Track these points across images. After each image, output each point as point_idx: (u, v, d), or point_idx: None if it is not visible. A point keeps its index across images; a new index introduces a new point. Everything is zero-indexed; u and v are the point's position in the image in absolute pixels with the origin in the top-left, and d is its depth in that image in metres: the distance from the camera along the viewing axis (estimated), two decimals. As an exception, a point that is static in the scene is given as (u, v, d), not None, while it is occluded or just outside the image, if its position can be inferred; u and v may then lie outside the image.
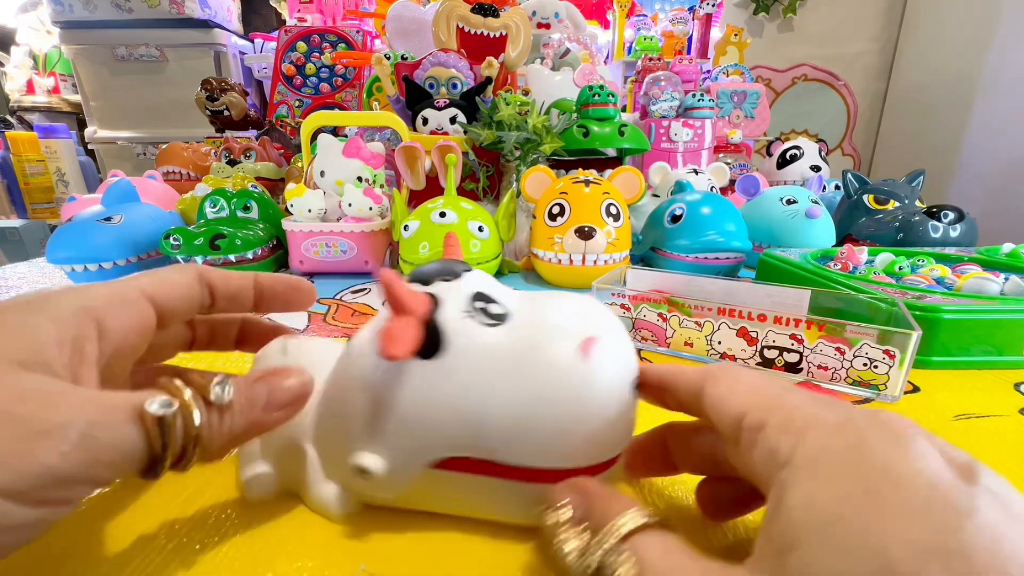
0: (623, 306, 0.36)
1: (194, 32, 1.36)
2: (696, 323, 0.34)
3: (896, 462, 0.10)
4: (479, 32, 0.70)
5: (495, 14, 0.70)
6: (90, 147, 1.45)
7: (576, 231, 0.46)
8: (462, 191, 0.57)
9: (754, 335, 0.32)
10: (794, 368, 0.31)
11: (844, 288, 0.37)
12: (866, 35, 1.49)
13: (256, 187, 0.58)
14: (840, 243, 0.57)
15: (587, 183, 0.49)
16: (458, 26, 0.69)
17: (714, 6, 1.19)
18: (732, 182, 0.72)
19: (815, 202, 0.56)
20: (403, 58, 0.72)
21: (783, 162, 0.79)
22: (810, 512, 0.10)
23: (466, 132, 0.59)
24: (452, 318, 0.17)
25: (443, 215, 0.47)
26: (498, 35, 0.71)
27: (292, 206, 0.51)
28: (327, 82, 1.02)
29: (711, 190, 0.63)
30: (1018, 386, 0.31)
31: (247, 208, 0.55)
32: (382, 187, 0.57)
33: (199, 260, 0.49)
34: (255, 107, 0.93)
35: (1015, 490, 0.10)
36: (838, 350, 0.29)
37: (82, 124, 1.51)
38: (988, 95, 1.19)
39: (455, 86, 0.63)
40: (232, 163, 0.73)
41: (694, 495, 0.19)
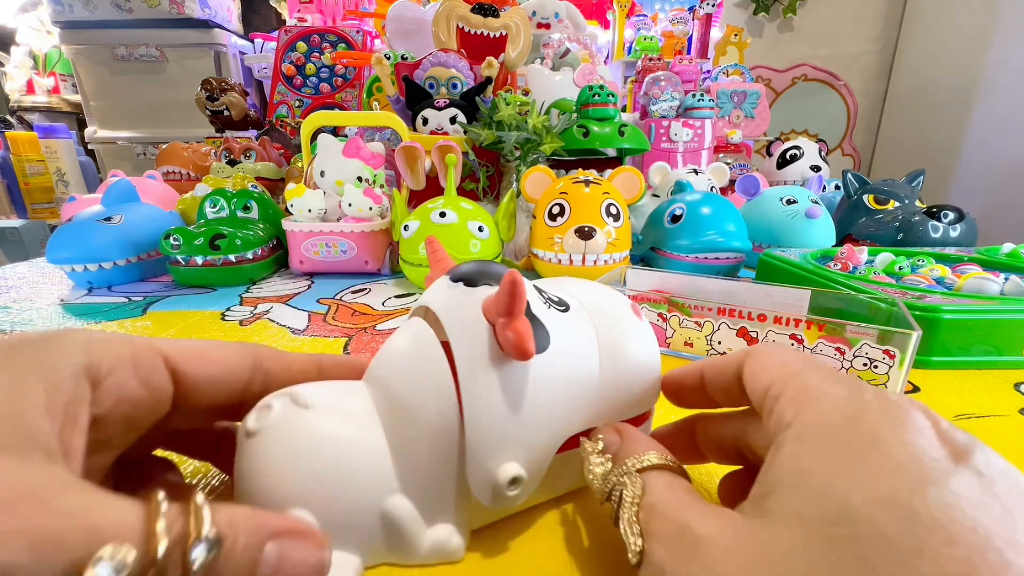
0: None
1: (194, 32, 1.36)
2: (696, 323, 0.34)
3: (886, 434, 0.11)
4: (479, 32, 0.70)
5: (495, 14, 0.70)
6: (90, 147, 1.45)
7: (576, 231, 0.46)
8: (462, 191, 0.57)
9: (754, 335, 0.32)
10: (794, 368, 0.31)
11: (844, 288, 0.37)
12: (866, 35, 1.49)
13: (256, 187, 0.58)
14: (840, 243, 0.57)
15: (587, 183, 0.49)
16: (458, 26, 0.69)
17: (714, 6, 1.19)
18: (732, 182, 0.72)
19: (815, 202, 0.56)
20: (403, 58, 0.72)
21: (783, 162, 0.79)
22: (792, 465, 0.12)
23: (466, 132, 0.59)
24: (540, 311, 0.18)
25: (443, 215, 0.47)
26: (498, 35, 0.71)
27: (292, 206, 0.51)
28: (327, 82, 1.02)
29: (711, 190, 0.63)
30: (1018, 386, 0.31)
31: (247, 208, 0.55)
32: (382, 187, 0.57)
33: (199, 260, 0.49)
34: (255, 107, 0.93)
35: (1017, 474, 0.10)
36: (838, 350, 0.29)
37: (82, 124, 1.51)
38: (988, 95, 1.19)
39: (455, 86, 0.63)
40: (232, 163, 0.73)
41: (716, 490, 0.19)
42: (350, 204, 0.51)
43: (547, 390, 0.17)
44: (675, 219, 0.51)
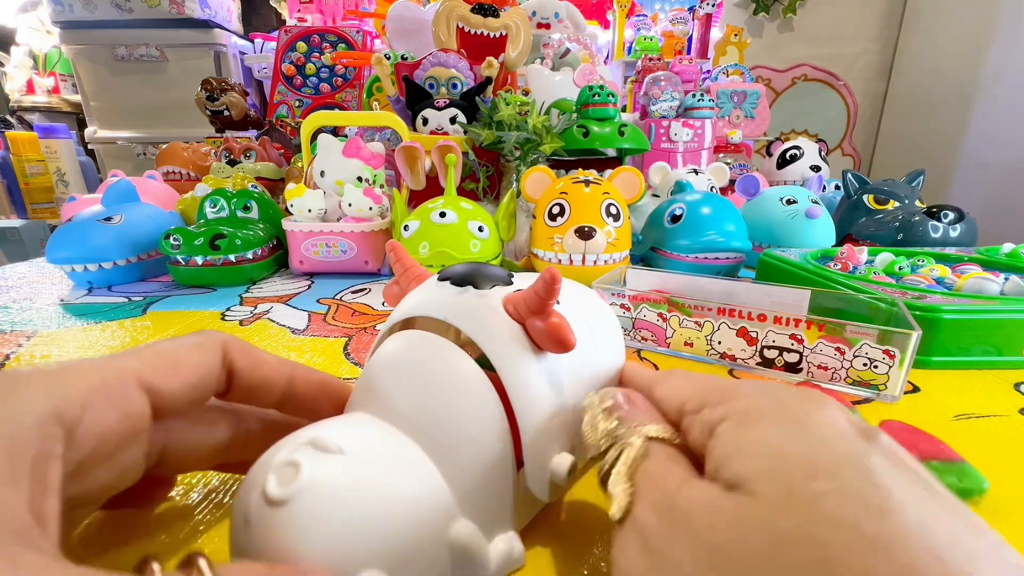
0: (623, 306, 0.36)
1: (194, 32, 1.36)
2: (696, 323, 0.34)
3: (811, 416, 0.12)
4: (479, 32, 0.70)
5: (495, 14, 0.70)
6: (90, 147, 1.45)
7: (576, 231, 0.46)
8: (462, 191, 0.57)
9: (754, 335, 0.32)
10: (794, 368, 0.31)
11: (844, 288, 0.37)
12: (866, 35, 1.49)
13: (256, 187, 0.58)
14: (840, 243, 0.57)
15: (587, 183, 0.49)
16: (458, 26, 0.69)
17: (714, 6, 1.19)
18: (732, 182, 0.72)
19: (815, 202, 0.56)
20: (403, 58, 0.72)
21: (783, 162, 0.79)
22: (735, 440, 0.13)
23: (466, 132, 0.59)
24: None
25: (443, 215, 0.47)
26: (498, 35, 0.71)
27: (292, 206, 0.51)
28: (327, 82, 1.02)
29: (711, 190, 0.63)
30: (1018, 386, 0.31)
31: (247, 208, 0.55)
32: (382, 187, 0.57)
33: (199, 260, 0.49)
34: (255, 107, 0.93)
35: (909, 459, 0.12)
36: (838, 350, 0.29)
37: (82, 124, 1.51)
38: (988, 95, 1.19)
39: (455, 86, 0.63)
40: (232, 163, 0.73)
41: None
42: (350, 204, 0.51)
43: (575, 377, 0.18)
44: (675, 219, 0.51)
